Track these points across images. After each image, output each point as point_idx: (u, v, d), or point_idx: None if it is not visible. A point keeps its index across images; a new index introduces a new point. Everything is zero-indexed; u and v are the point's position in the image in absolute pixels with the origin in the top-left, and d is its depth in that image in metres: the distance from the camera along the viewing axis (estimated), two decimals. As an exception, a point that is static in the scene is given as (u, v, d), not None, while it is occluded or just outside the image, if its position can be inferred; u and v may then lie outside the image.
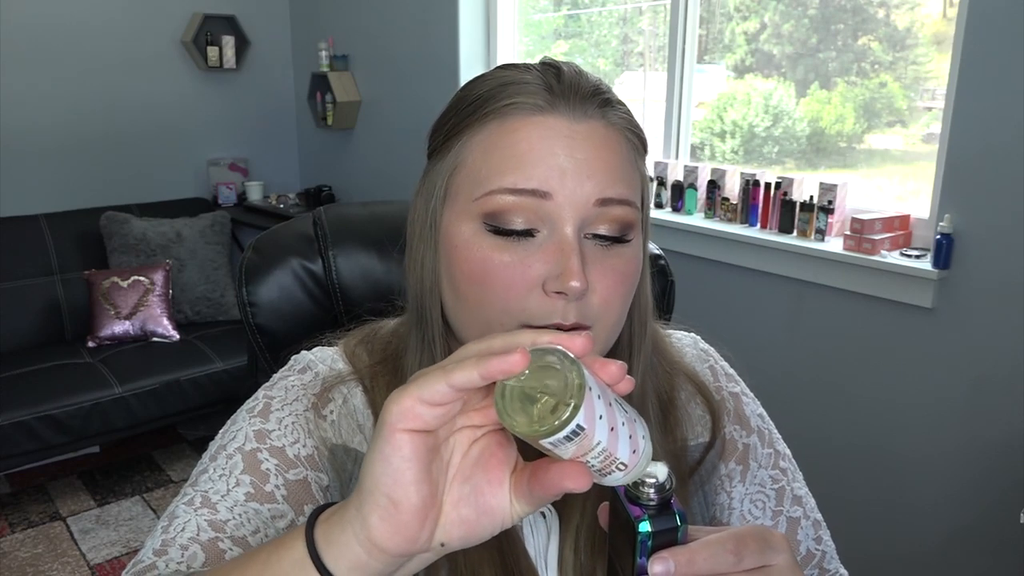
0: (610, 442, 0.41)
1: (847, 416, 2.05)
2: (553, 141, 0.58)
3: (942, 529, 1.90)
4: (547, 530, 0.65)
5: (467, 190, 0.61)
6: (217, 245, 3.33)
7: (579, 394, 0.38)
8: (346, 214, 0.98)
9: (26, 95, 3.21)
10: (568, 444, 0.39)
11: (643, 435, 0.44)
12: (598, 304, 0.59)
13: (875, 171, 2.17)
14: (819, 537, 0.76)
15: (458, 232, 0.61)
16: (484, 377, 0.39)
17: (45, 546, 2.55)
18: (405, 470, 0.41)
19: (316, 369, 0.70)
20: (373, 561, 0.42)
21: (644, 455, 0.44)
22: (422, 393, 0.40)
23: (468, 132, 0.61)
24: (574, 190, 0.58)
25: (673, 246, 2.30)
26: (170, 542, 0.58)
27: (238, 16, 3.64)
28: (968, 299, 1.77)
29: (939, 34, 1.99)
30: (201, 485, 0.62)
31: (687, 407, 0.74)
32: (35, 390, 2.67)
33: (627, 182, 0.61)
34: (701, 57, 2.48)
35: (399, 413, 0.40)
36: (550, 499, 0.43)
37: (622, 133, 0.62)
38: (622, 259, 0.61)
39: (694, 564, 0.43)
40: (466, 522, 0.44)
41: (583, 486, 0.41)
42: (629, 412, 0.43)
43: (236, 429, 0.65)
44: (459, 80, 2.99)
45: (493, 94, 0.61)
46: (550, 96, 0.60)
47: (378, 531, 0.41)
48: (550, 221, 0.58)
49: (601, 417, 0.40)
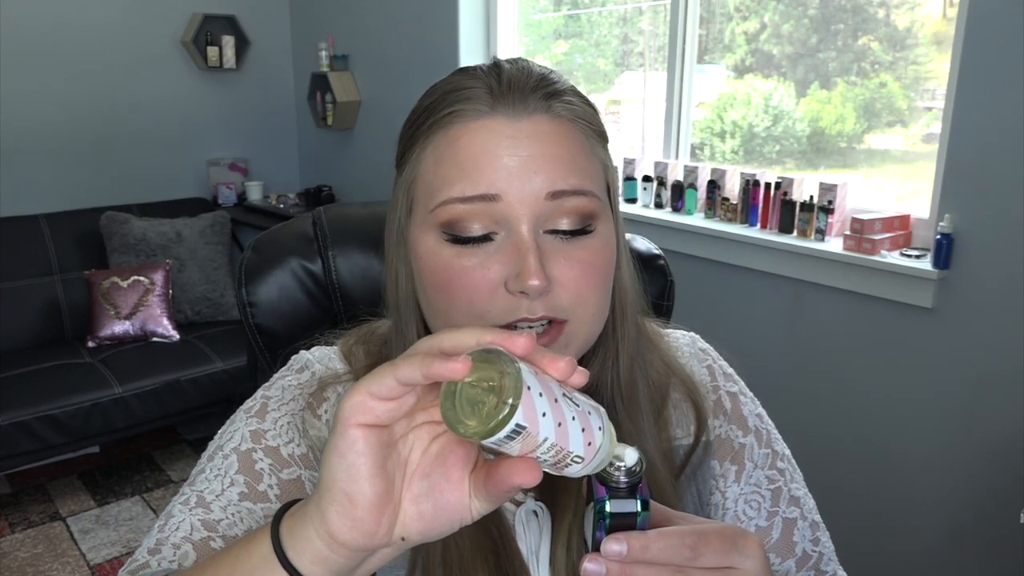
0: (559, 437, 0.41)
1: (847, 416, 2.05)
2: (496, 143, 0.59)
3: (942, 529, 1.90)
4: (539, 529, 0.65)
5: (423, 201, 0.61)
6: (217, 245, 3.33)
7: (516, 394, 0.39)
8: (346, 214, 0.98)
9: (26, 95, 3.21)
10: (512, 443, 0.40)
11: (599, 426, 0.44)
12: (567, 298, 0.59)
13: (875, 171, 2.17)
14: (816, 538, 0.76)
15: (422, 243, 0.62)
16: (426, 377, 0.40)
17: (45, 546, 2.55)
18: (360, 465, 0.42)
19: (313, 369, 0.71)
20: (334, 555, 0.44)
21: (603, 447, 0.45)
22: (371, 388, 0.41)
23: (419, 144, 0.62)
24: (522, 188, 0.58)
25: (673, 246, 2.30)
26: (164, 541, 0.59)
27: (238, 16, 3.64)
28: (968, 299, 1.77)
29: (939, 34, 1.99)
30: (197, 485, 0.63)
31: (681, 406, 0.74)
32: (35, 390, 2.67)
33: (581, 172, 0.61)
34: (701, 57, 2.48)
35: (351, 407, 0.42)
36: (505, 495, 0.44)
37: (570, 123, 0.62)
38: (587, 250, 0.61)
39: (647, 551, 0.44)
40: (424, 517, 0.45)
41: (532, 480, 0.42)
42: (581, 406, 0.44)
43: (233, 429, 0.66)
44: (459, 80, 2.99)
45: (437, 104, 0.62)
46: (491, 99, 0.60)
47: (336, 525, 0.43)
48: (505, 222, 0.59)
49: (545, 415, 0.40)
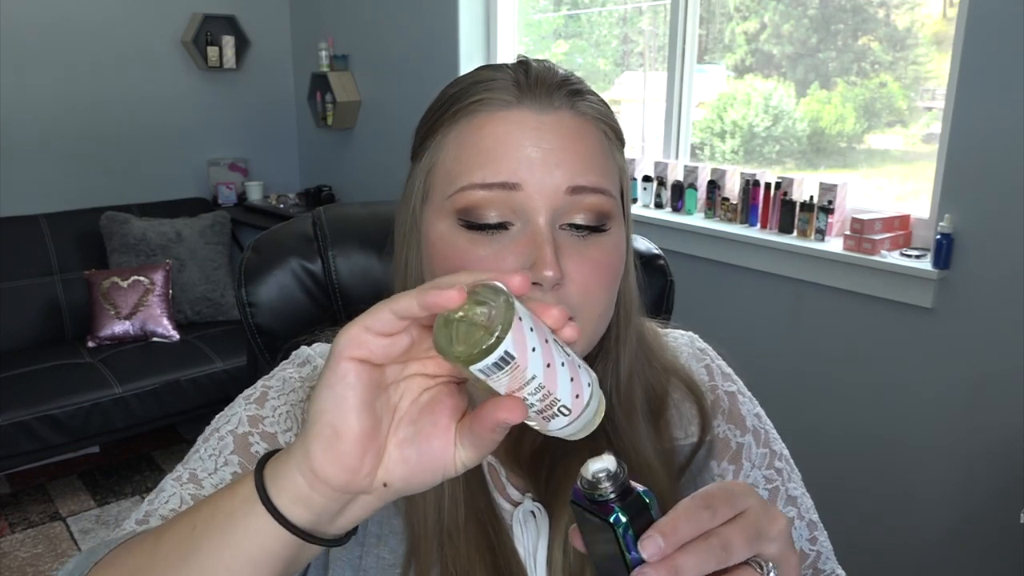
0: (547, 378, 0.41)
1: (847, 416, 2.05)
2: (520, 133, 0.59)
3: (942, 528, 1.90)
4: (537, 530, 0.65)
5: (441, 188, 0.62)
6: (217, 245, 3.33)
7: (506, 320, 0.39)
8: (346, 214, 0.98)
9: (26, 95, 3.21)
10: (500, 374, 0.40)
11: (588, 382, 0.44)
12: (577, 294, 0.59)
13: (875, 171, 2.17)
14: (814, 538, 0.76)
15: (435, 230, 0.62)
16: (422, 306, 0.40)
17: (45, 546, 2.55)
18: (348, 397, 0.42)
19: (315, 363, 0.71)
20: (315, 494, 0.43)
21: (591, 405, 0.44)
22: (366, 321, 0.42)
23: (441, 131, 0.63)
24: (543, 179, 0.58)
25: (673, 246, 2.30)
26: (152, 512, 0.60)
27: (238, 16, 3.64)
28: (968, 299, 1.77)
29: (939, 34, 1.99)
30: (191, 463, 0.63)
31: (681, 406, 0.74)
32: (35, 390, 2.67)
33: (600, 171, 0.61)
34: (701, 57, 2.48)
35: (346, 340, 0.42)
36: (490, 437, 0.43)
37: (593, 122, 0.62)
38: (601, 249, 0.61)
39: (678, 531, 0.43)
40: (408, 462, 0.44)
41: (517, 417, 0.41)
42: (572, 357, 0.44)
43: (231, 413, 0.67)
44: (459, 80, 3.00)
45: (463, 93, 0.62)
46: (517, 91, 0.60)
47: (318, 460, 0.42)
48: (523, 212, 0.59)
49: (534, 350, 0.40)
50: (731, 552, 0.44)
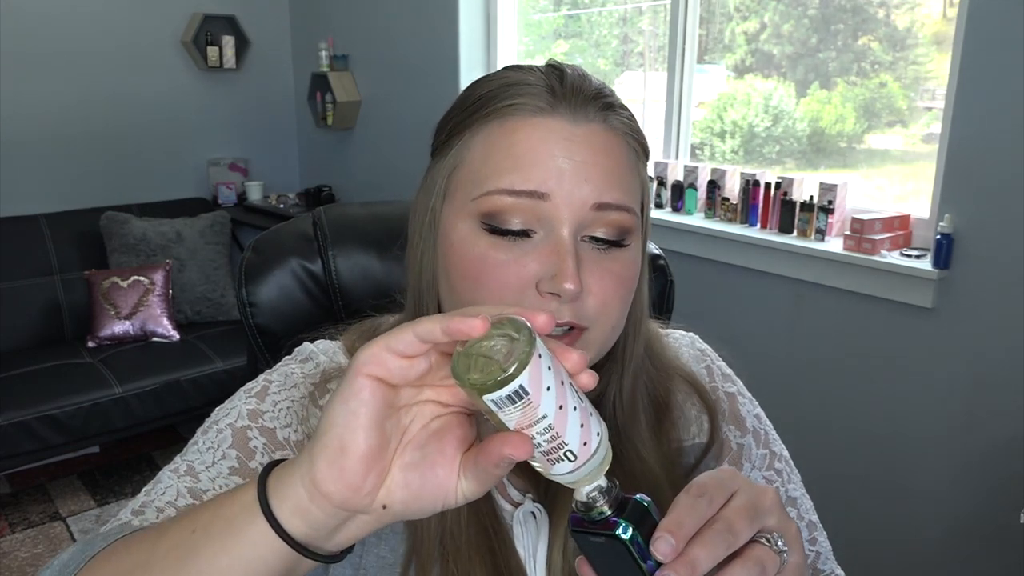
0: (557, 420, 0.41)
1: (847, 416, 2.05)
2: (552, 143, 0.59)
3: (942, 528, 1.90)
4: (537, 531, 0.65)
5: (466, 189, 0.61)
6: (217, 245, 3.33)
7: (525, 355, 0.39)
8: (346, 214, 0.98)
9: (26, 95, 3.21)
10: (512, 408, 0.40)
11: (598, 432, 0.44)
12: (594, 306, 0.59)
13: (875, 171, 2.17)
14: (814, 538, 0.76)
15: (455, 230, 0.61)
16: (445, 332, 0.41)
17: (45, 546, 2.55)
18: (360, 413, 0.42)
19: (318, 360, 0.71)
20: (314, 507, 0.43)
21: (597, 457, 0.44)
22: (388, 341, 0.42)
23: (469, 131, 0.62)
24: (571, 192, 0.58)
25: (673, 246, 2.30)
26: (148, 503, 0.60)
27: (238, 16, 3.64)
28: (968, 299, 1.77)
29: (939, 34, 1.99)
30: (189, 455, 0.63)
31: (683, 408, 0.74)
32: (35, 390, 2.67)
33: (625, 188, 0.61)
34: (701, 57, 2.48)
35: (366, 357, 0.42)
36: (494, 472, 0.43)
37: (623, 138, 0.62)
38: (620, 263, 0.61)
39: (684, 526, 0.43)
40: (410, 487, 0.44)
41: (523, 454, 0.41)
42: (586, 404, 0.43)
43: (231, 407, 0.67)
44: (459, 80, 2.99)
45: (495, 94, 0.61)
46: (552, 98, 0.60)
47: (322, 473, 0.42)
48: (547, 222, 0.59)
49: (549, 389, 0.40)
50: (737, 533, 0.44)
